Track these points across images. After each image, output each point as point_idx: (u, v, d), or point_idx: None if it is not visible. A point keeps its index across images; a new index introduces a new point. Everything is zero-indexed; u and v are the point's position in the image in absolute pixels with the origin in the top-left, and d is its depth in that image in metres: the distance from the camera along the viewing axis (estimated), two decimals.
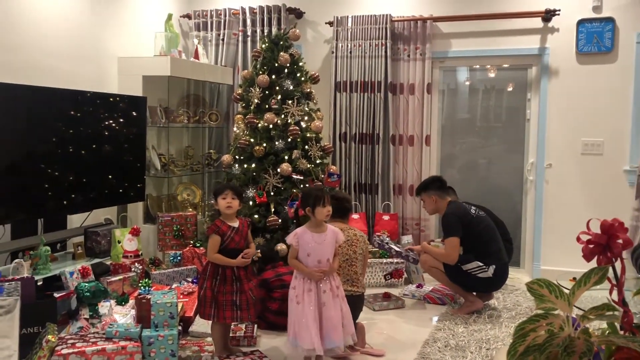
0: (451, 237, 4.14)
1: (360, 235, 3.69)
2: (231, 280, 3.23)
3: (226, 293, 3.22)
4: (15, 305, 2.94)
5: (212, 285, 3.22)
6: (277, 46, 4.78)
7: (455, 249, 4.12)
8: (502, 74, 5.68)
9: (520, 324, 1.68)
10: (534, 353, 1.64)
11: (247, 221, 3.43)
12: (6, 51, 4.00)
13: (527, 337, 1.66)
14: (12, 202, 3.69)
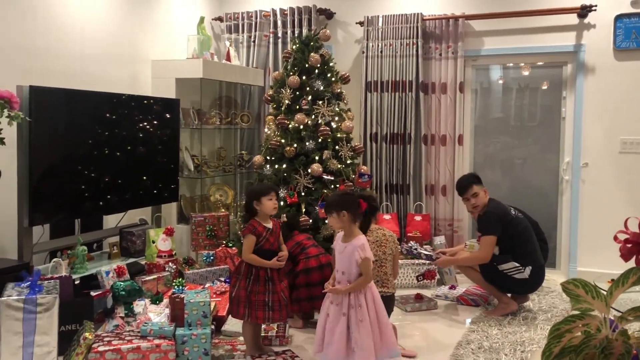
0: (489, 236, 4.07)
1: (389, 235, 3.65)
2: (264, 280, 3.25)
3: (258, 293, 3.24)
4: (54, 303, 3.01)
5: (246, 285, 3.24)
6: (308, 47, 4.79)
7: (490, 247, 4.05)
8: (536, 72, 5.58)
9: (556, 324, 1.65)
10: (569, 354, 1.61)
11: (279, 222, 3.45)
12: (44, 56, 4.11)
13: (562, 338, 1.63)
14: (50, 203, 3.78)
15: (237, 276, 3.31)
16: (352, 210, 2.95)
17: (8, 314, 2.92)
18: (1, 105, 3.34)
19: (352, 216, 2.95)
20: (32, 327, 2.96)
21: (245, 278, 3.26)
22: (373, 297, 2.94)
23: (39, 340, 2.97)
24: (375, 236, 3.58)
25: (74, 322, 3.37)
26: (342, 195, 3.06)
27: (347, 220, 2.95)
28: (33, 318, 2.96)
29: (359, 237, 2.96)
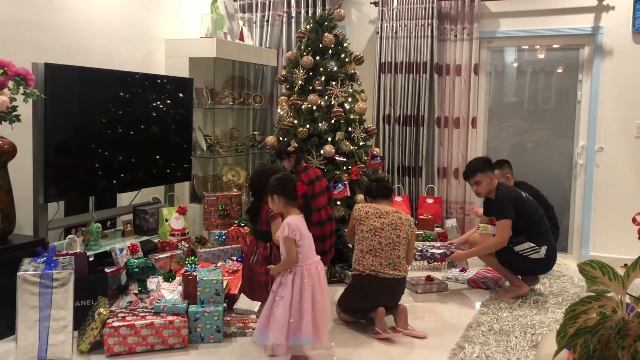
0: (505, 220, 4.06)
1: (405, 219, 3.63)
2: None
3: (261, 274, 3.31)
4: (69, 278, 3.05)
5: (267, 270, 3.25)
6: (322, 27, 4.75)
7: (507, 231, 4.05)
8: (551, 55, 5.51)
9: (572, 305, 1.64)
10: (584, 335, 1.60)
11: None
12: (58, 33, 4.11)
13: (578, 319, 1.63)
14: (65, 181, 3.81)
15: (254, 259, 3.33)
16: (284, 194, 2.98)
17: (25, 288, 2.96)
18: (17, 82, 3.36)
19: (286, 199, 2.98)
20: (48, 302, 3.00)
21: (265, 262, 3.31)
22: (302, 281, 2.89)
23: (54, 314, 3.01)
24: (390, 219, 3.59)
25: (89, 297, 3.42)
26: (276, 179, 3.05)
27: (280, 204, 2.99)
28: (49, 293, 3.00)
29: (289, 216, 2.97)
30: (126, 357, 3.10)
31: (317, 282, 2.94)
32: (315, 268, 2.97)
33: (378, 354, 3.26)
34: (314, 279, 2.93)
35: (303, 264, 2.92)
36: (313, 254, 3.00)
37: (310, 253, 2.98)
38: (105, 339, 3.09)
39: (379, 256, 3.51)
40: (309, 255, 2.97)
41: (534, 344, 3.36)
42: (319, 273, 2.97)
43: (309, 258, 2.96)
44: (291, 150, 3.89)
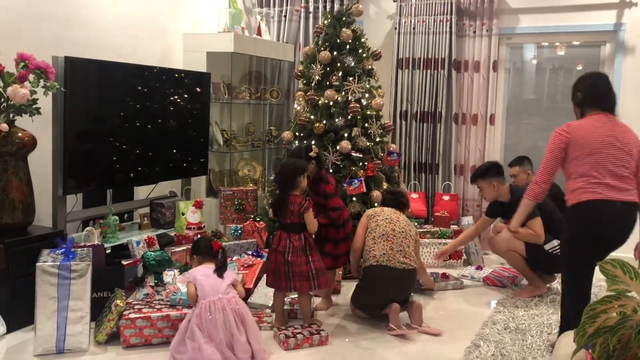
0: (533, 219, 4.00)
1: (413, 226, 3.80)
2: (304, 251, 3.39)
3: (301, 264, 3.33)
4: (87, 270, 3.08)
5: (306, 260, 3.37)
6: (339, 22, 4.73)
7: (541, 227, 4.01)
8: (571, 52, 5.43)
9: (591, 305, 1.62)
10: (604, 335, 1.58)
11: None
12: (77, 27, 4.14)
13: (597, 318, 1.61)
14: (84, 173, 3.85)
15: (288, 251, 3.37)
16: (201, 254, 3.26)
17: (44, 278, 3.00)
18: (37, 75, 3.40)
19: (202, 257, 3.24)
20: (66, 293, 3.03)
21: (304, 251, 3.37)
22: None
23: (72, 305, 3.04)
24: (403, 217, 3.75)
25: (106, 289, 3.46)
26: (193, 242, 3.39)
27: (197, 262, 3.26)
28: (67, 284, 3.03)
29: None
30: (142, 349, 3.13)
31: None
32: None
33: (392, 351, 3.25)
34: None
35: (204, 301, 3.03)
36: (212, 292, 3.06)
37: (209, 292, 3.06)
38: (121, 330, 3.12)
39: (390, 241, 3.54)
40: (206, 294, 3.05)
41: (550, 344, 3.32)
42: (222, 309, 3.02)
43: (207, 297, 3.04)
44: (313, 155, 3.65)
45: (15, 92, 3.28)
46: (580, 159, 2.98)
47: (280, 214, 3.42)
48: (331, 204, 3.67)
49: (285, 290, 3.43)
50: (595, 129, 3.02)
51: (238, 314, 3.03)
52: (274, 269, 3.38)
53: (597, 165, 2.93)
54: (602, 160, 2.93)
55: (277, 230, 3.49)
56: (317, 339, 3.27)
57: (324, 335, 3.29)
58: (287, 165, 3.50)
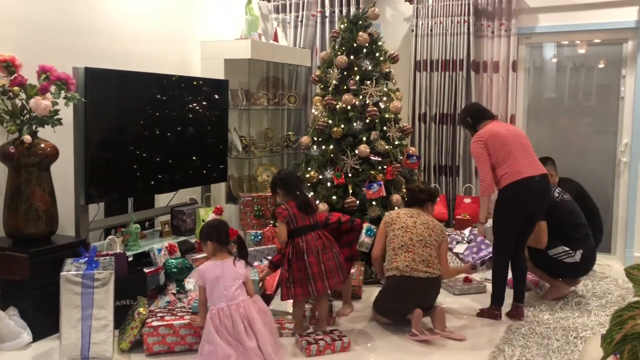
0: (539, 222, 3.97)
1: (437, 224, 3.72)
2: (312, 252, 3.34)
3: (312, 265, 3.30)
4: (110, 278, 3.11)
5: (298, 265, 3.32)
6: (356, 26, 4.73)
7: (544, 232, 3.95)
8: (592, 50, 5.35)
9: (618, 311, 1.59)
10: (632, 342, 1.55)
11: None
12: (97, 37, 4.20)
13: (625, 324, 1.57)
14: (105, 182, 3.88)
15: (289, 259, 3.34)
16: (218, 240, 3.17)
17: (68, 287, 3.03)
18: (58, 86, 3.44)
19: (218, 245, 3.16)
20: (90, 301, 3.06)
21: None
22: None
23: (96, 313, 3.07)
24: (422, 219, 3.67)
25: (128, 297, 3.49)
26: (207, 226, 3.25)
27: (211, 249, 3.16)
28: (91, 292, 3.06)
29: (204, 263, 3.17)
30: (165, 357, 3.14)
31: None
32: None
33: (415, 356, 3.22)
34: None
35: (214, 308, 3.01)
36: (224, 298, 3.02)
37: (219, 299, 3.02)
38: (144, 338, 3.14)
39: (411, 252, 3.50)
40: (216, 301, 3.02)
41: (576, 348, 3.27)
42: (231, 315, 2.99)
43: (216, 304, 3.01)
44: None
45: (38, 104, 3.33)
46: (498, 153, 3.65)
47: (302, 217, 3.37)
48: (334, 222, 3.61)
49: (322, 292, 3.36)
50: (497, 129, 3.74)
51: (247, 319, 2.98)
52: (305, 275, 3.28)
53: (509, 154, 3.65)
54: (512, 150, 3.65)
55: (296, 237, 3.36)
56: (340, 345, 3.25)
57: (346, 342, 3.28)
58: (290, 172, 3.68)
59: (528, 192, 3.64)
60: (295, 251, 3.31)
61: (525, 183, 3.61)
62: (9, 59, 3.35)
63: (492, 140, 3.66)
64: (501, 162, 3.65)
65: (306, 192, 3.51)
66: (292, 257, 3.32)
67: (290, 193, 3.43)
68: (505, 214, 3.69)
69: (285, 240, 3.36)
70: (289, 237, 3.36)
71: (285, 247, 3.38)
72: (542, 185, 3.70)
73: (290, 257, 3.32)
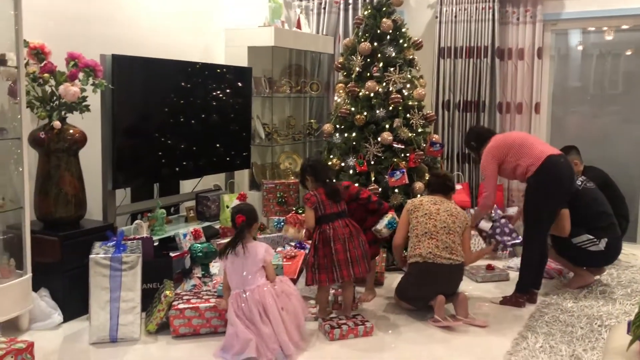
0: (562, 209, 3.94)
1: (461, 211, 3.69)
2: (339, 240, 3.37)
3: (356, 248, 3.36)
4: (137, 261, 3.17)
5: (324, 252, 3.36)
6: (380, 12, 4.70)
7: (567, 220, 3.91)
8: (620, 37, 5.26)
9: None
10: None
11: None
12: (123, 25, 4.25)
13: None
14: (131, 168, 3.95)
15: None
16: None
17: (96, 270, 3.10)
18: (86, 73, 3.50)
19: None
20: (118, 284, 3.13)
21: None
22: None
23: (124, 295, 3.14)
24: (446, 206, 3.65)
25: (155, 280, 3.56)
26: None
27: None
28: (119, 275, 3.13)
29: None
30: (191, 339, 3.20)
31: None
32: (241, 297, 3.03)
33: (438, 343, 3.24)
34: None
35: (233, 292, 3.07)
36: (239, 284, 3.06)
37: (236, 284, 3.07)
38: (171, 320, 3.20)
39: (434, 239, 3.50)
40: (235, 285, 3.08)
41: (600, 336, 3.25)
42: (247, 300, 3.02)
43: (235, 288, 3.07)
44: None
45: (67, 91, 3.39)
46: (510, 153, 3.75)
47: (330, 204, 3.39)
48: (364, 198, 3.65)
49: (347, 279, 3.40)
50: (499, 137, 3.94)
51: (261, 305, 3.00)
52: (331, 262, 3.32)
53: (522, 146, 3.76)
54: (523, 143, 3.79)
55: (324, 224, 3.37)
56: (362, 330, 3.28)
57: (369, 326, 3.31)
58: (319, 159, 3.58)
59: (558, 170, 3.68)
60: (322, 238, 3.34)
61: (554, 162, 3.67)
62: (39, 47, 3.41)
63: (500, 147, 3.79)
64: (519, 157, 3.72)
65: (334, 180, 3.51)
66: (319, 244, 3.35)
67: (320, 180, 3.44)
68: (538, 196, 3.68)
69: (312, 226, 3.40)
70: (316, 224, 3.38)
71: (312, 233, 3.42)
72: (567, 165, 3.76)
73: (317, 243, 3.36)
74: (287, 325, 3.03)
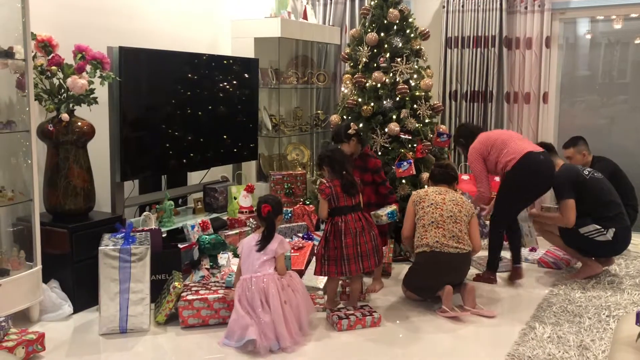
0: (565, 200, 3.94)
1: (466, 199, 3.72)
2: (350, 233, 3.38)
3: (348, 247, 3.35)
4: (146, 253, 3.19)
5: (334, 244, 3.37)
6: (386, 3, 4.67)
7: (571, 211, 3.91)
8: (629, 25, 5.21)
9: None
10: None
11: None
12: (129, 18, 4.25)
13: None
14: (140, 160, 3.96)
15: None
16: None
17: (106, 262, 3.12)
18: (94, 65, 3.51)
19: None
20: (127, 275, 3.15)
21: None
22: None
23: (133, 287, 3.16)
24: (451, 196, 3.65)
25: (163, 272, 3.58)
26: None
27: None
28: (128, 267, 3.15)
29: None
30: (200, 329, 3.22)
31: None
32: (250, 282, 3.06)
33: (446, 333, 3.25)
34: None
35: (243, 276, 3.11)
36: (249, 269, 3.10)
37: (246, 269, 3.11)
38: (180, 311, 3.22)
39: (441, 228, 3.50)
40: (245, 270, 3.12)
41: (608, 326, 3.25)
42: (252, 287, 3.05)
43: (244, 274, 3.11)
44: (352, 132, 3.77)
45: (75, 83, 3.40)
46: (494, 147, 3.88)
47: (345, 197, 3.38)
48: (381, 177, 3.84)
49: (355, 273, 3.41)
50: (485, 134, 4.07)
51: (264, 293, 3.02)
52: (340, 255, 3.32)
53: (505, 142, 3.91)
54: (506, 138, 3.94)
55: (336, 216, 3.38)
56: (370, 321, 3.30)
57: (376, 317, 3.32)
58: (335, 150, 3.56)
59: (536, 166, 3.80)
60: (334, 230, 3.35)
61: (533, 158, 3.80)
62: (47, 39, 3.42)
63: (483, 143, 3.94)
64: (500, 153, 3.85)
65: (352, 172, 3.52)
66: (330, 236, 3.36)
67: (337, 172, 3.42)
68: (512, 188, 3.86)
69: (325, 217, 3.41)
70: (329, 215, 3.40)
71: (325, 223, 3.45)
72: (546, 162, 3.88)
73: (328, 234, 3.37)
74: (287, 318, 3.03)
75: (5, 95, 3.35)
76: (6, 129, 3.18)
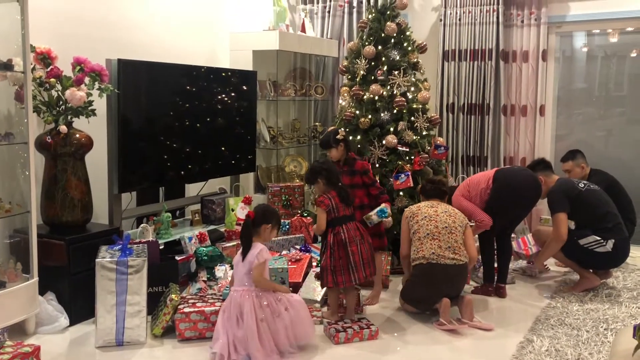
0: (557, 213, 3.95)
1: (458, 211, 3.74)
2: (343, 245, 3.36)
3: (341, 258, 3.34)
4: (143, 265, 3.18)
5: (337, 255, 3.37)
6: (384, 16, 4.71)
7: (563, 224, 3.92)
8: (624, 38, 5.25)
9: None
10: None
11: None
12: (127, 30, 4.27)
13: None
14: (137, 172, 3.96)
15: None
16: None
17: (103, 274, 3.12)
18: (93, 78, 3.52)
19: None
20: (124, 287, 3.15)
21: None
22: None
23: (130, 299, 3.15)
24: (443, 208, 3.69)
25: (160, 284, 3.57)
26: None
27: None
28: (125, 279, 3.14)
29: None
30: (197, 342, 3.21)
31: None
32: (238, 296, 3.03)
33: (443, 346, 3.24)
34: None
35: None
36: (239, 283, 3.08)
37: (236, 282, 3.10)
38: (176, 324, 3.21)
39: (437, 239, 3.51)
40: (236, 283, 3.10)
41: (606, 339, 3.24)
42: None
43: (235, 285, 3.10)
44: (340, 138, 3.80)
45: (73, 95, 3.41)
46: (474, 187, 4.02)
47: (343, 207, 3.40)
48: (370, 178, 3.82)
49: (362, 280, 3.41)
50: (465, 181, 4.20)
51: (239, 309, 2.98)
52: (347, 263, 3.33)
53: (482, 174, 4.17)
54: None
55: (337, 226, 3.38)
56: (367, 334, 3.29)
57: (374, 330, 3.31)
58: (328, 162, 3.64)
59: (511, 178, 3.99)
60: (337, 240, 3.35)
61: (503, 171, 4.05)
62: (45, 52, 3.43)
63: (460, 188, 4.09)
64: (477, 185, 4.00)
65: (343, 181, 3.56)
66: (334, 246, 3.35)
67: (333, 183, 3.44)
68: (494, 201, 3.92)
69: (324, 229, 3.40)
70: (329, 226, 3.39)
71: (323, 236, 3.44)
72: (521, 172, 4.10)
73: (332, 245, 3.36)
74: (261, 336, 2.96)
75: (4, 107, 3.37)
76: (4, 141, 3.19)
